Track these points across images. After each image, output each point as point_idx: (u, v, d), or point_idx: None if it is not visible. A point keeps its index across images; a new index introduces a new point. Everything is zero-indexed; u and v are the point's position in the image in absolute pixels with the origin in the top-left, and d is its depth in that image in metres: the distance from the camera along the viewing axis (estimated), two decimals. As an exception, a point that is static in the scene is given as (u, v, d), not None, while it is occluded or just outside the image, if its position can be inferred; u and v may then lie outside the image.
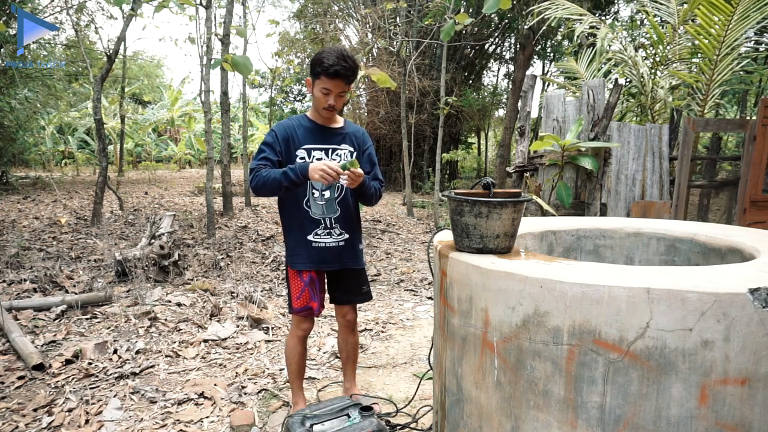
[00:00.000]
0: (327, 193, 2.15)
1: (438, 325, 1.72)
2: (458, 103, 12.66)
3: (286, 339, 2.34)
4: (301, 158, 2.08)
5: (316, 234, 2.15)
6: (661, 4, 5.88)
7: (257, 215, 9.44)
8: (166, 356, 3.15)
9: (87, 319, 3.77)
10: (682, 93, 5.99)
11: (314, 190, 2.14)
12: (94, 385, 2.75)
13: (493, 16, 12.71)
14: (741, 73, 6.71)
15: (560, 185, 4.57)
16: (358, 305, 2.52)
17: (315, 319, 2.37)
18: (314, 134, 2.11)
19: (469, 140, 20.50)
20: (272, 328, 3.64)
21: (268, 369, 2.99)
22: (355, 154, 2.19)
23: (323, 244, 2.16)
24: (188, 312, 3.97)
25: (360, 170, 1.95)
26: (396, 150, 15.82)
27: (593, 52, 6.18)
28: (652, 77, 5.88)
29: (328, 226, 2.15)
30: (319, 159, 2.09)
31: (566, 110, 4.86)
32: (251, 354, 3.23)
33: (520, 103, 5.41)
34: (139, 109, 25.46)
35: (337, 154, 2.15)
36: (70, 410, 2.48)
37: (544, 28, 7.51)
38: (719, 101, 6.54)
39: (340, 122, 2.21)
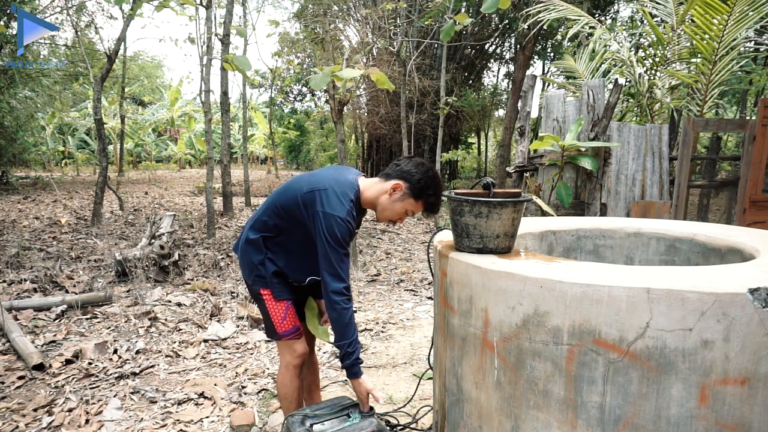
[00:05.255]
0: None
1: (438, 325, 1.72)
2: (458, 103, 12.66)
3: (278, 376, 2.04)
4: None
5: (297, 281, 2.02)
6: (659, 3, 5.88)
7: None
8: (166, 356, 3.15)
9: (87, 319, 3.77)
10: (682, 93, 5.99)
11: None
12: (94, 385, 2.75)
13: (493, 16, 12.71)
14: (740, 73, 6.71)
15: (560, 185, 4.57)
16: None
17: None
18: (359, 219, 1.93)
19: (469, 140, 20.50)
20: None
21: (268, 369, 2.99)
22: None
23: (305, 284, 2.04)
24: (188, 312, 3.97)
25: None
26: (396, 150, 15.82)
27: (592, 51, 6.18)
28: (651, 77, 5.88)
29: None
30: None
31: (566, 110, 4.85)
32: (251, 354, 3.23)
33: (520, 103, 5.41)
34: (139, 109, 25.45)
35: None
36: (70, 410, 2.48)
37: (541, 29, 7.52)
38: (718, 101, 6.54)
39: None
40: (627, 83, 6.06)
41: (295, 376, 2.01)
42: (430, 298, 4.56)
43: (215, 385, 2.76)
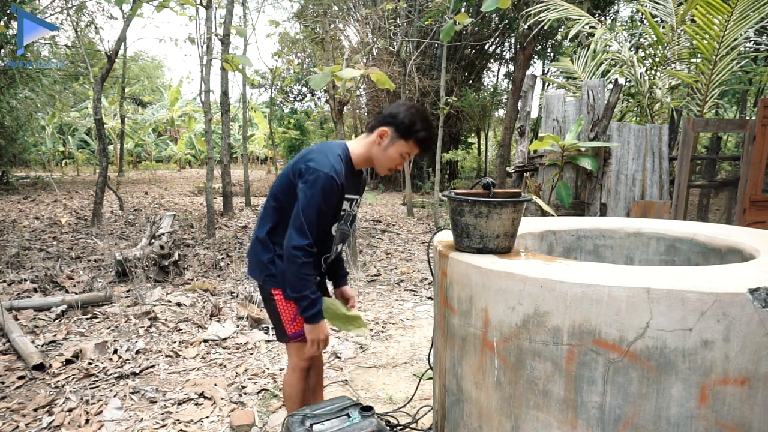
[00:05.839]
0: (339, 247, 1.97)
1: (438, 325, 1.72)
2: (458, 103, 12.66)
3: (285, 376, 2.04)
4: (342, 210, 1.82)
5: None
6: (659, 3, 5.88)
7: (257, 215, 9.44)
8: (166, 356, 3.15)
9: (87, 319, 3.77)
10: (682, 93, 5.99)
11: (335, 245, 1.92)
12: (94, 385, 2.75)
13: (493, 16, 12.71)
14: (740, 73, 6.71)
15: (560, 185, 4.57)
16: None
17: None
18: (354, 182, 1.86)
19: (469, 140, 20.50)
20: (272, 328, 3.64)
21: (268, 369, 2.99)
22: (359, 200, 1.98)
23: (317, 279, 1.97)
24: (188, 312, 3.97)
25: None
26: (396, 150, 15.78)
27: (592, 51, 6.19)
28: (651, 77, 5.88)
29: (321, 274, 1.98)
30: (344, 210, 1.83)
31: (566, 110, 4.86)
32: (251, 354, 3.23)
33: (520, 103, 5.41)
34: (139, 109, 25.46)
35: (356, 204, 1.94)
36: (70, 410, 2.48)
37: (541, 29, 7.52)
38: (718, 101, 6.54)
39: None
40: (627, 83, 6.06)
41: (302, 378, 1.99)
42: (430, 298, 4.56)
43: (215, 385, 2.76)
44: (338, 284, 2.15)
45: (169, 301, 4.17)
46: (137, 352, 3.18)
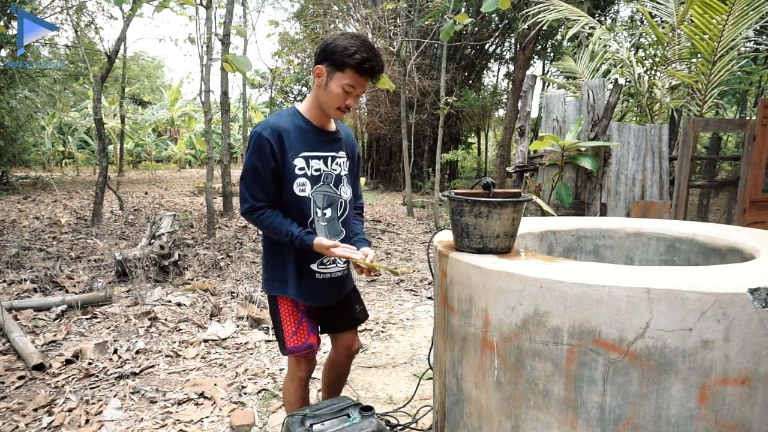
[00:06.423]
0: (328, 212, 1.78)
1: (438, 325, 1.72)
2: (458, 103, 12.66)
3: (284, 383, 1.96)
4: (300, 169, 1.69)
5: (322, 263, 1.78)
6: (659, 3, 5.88)
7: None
8: (166, 356, 3.15)
9: (87, 319, 3.77)
10: (682, 93, 5.99)
11: (317, 208, 1.74)
12: (94, 385, 2.75)
13: (493, 16, 12.70)
14: (739, 73, 6.71)
15: (560, 185, 4.57)
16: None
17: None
18: (312, 138, 1.72)
19: (469, 140, 20.50)
20: (272, 328, 3.64)
21: (268, 369, 2.99)
22: (348, 163, 1.88)
23: (329, 275, 1.81)
24: (188, 312, 3.97)
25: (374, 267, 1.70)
26: (396, 150, 15.82)
27: (592, 51, 6.19)
28: (651, 77, 5.88)
29: None
30: (317, 170, 1.72)
31: (566, 110, 4.86)
32: (251, 354, 3.23)
33: (520, 103, 5.41)
34: (139, 109, 25.46)
35: (336, 164, 1.79)
36: (70, 410, 2.48)
37: (541, 30, 7.52)
38: (718, 101, 6.54)
39: (332, 123, 1.83)
40: (627, 83, 6.06)
41: (301, 387, 1.92)
42: (430, 298, 4.56)
43: (215, 385, 2.76)
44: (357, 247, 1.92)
45: (169, 301, 4.17)
46: (137, 352, 3.18)
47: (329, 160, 1.77)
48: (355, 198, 1.94)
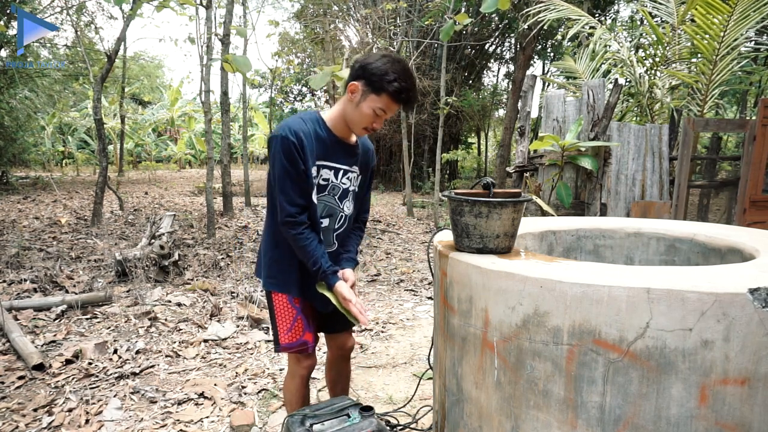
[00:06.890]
0: (325, 221, 1.78)
1: (438, 325, 1.72)
2: (458, 103, 12.67)
3: (285, 382, 1.97)
4: (325, 180, 1.74)
5: None
6: (660, 3, 5.88)
7: (257, 215, 9.44)
8: (166, 356, 3.15)
9: (87, 319, 3.77)
10: (682, 93, 5.99)
11: (321, 219, 1.76)
12: (94, 385, 2.75)
13: (493, 16, 12.71)
14: (740, 73, 6.71)
15: (560, 185, 4.57)
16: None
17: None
18: (329, 149, 1.71)
19: (469, 140, 20.51)
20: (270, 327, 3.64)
21: (268, 369, 2.99)
22: (360, 178, 1.86)
23: None
24: (188, 312, 3.97)
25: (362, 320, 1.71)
26: (396, 150, 15.82)
27: (592, 51, 6.19)
28: (651, 78, 5.88)
29: None
30: (325, 180, 1.72)
31: (566, 110, 4.86)
32: (251, 354, 3.23)
33: (520, 103, 5.41)
34: (139, 109, 25.46)
35: (347, 178, 1.79)
36: (70, 410, 2.48)
37: (541, 29, 7.52)
38: (718, 101, 6.54)
39: (353, 136, 1.79)
40: (627, 83, 6.06)
41: (302, 385, 1.91)
42: (430, 298, 4.56)
43: (215, 385, 2.76)
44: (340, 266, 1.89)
45: (169, 301, 4.17)
46: (137, 352, 3.18)
47: (340, 173, 1.76)
48: (361, 211, 1.94)
